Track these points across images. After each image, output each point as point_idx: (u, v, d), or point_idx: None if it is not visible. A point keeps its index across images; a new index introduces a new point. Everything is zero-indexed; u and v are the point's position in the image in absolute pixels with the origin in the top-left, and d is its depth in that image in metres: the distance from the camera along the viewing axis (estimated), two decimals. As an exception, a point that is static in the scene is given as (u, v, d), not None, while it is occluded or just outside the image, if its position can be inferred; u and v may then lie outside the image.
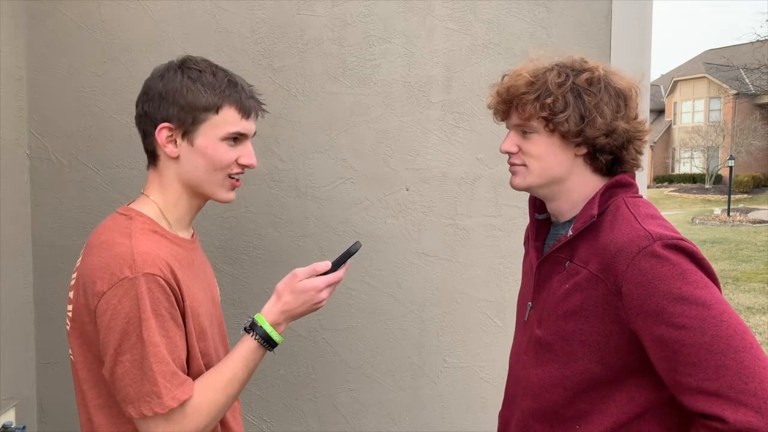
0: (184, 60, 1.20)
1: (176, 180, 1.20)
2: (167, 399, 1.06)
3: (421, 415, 1.97)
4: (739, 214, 19.32)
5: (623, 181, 1.15)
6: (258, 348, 1.20)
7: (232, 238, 1.90)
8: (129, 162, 1.87)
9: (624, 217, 1.08)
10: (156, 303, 1.07)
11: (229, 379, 1.16)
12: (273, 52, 1.87)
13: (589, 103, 1.10)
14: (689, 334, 0.95)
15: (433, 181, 1.92)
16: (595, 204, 1.11)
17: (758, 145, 28.88)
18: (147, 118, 1.18)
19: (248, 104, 1.20)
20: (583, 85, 1.11)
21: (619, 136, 1.12)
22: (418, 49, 1.89)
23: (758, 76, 27.02)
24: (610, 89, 1.12)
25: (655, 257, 0.99)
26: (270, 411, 1.95)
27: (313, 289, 1.23)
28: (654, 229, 1.03)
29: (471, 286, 1.94)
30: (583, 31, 1.89)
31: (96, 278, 1.07)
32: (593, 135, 1.10)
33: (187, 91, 1.15)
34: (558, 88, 1.11)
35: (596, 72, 1.13)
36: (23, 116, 1.84)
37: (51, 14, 1.83)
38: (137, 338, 1.05)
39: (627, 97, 1.14)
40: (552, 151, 1.14)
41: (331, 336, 1.94)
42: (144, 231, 1.14)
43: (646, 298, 0.99)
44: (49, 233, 1.87)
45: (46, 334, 1.89)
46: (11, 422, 1.70)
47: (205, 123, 1.16)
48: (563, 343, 1.11)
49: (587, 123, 1.10)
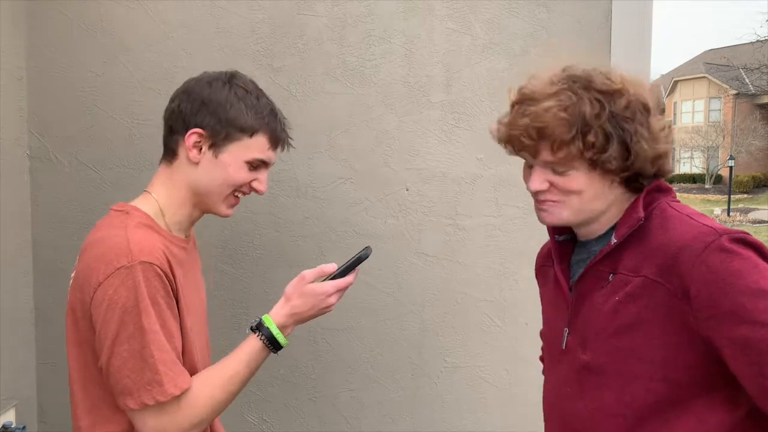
0: (234, 75, 1.22)
1: (186, 183, 1.21)
2: (169, 386, 1.05)
3: (421, 415, 1.97)
4: (739, 214, 19.33)
5: (663, 186, 1.05)
6: (263, 349, 1.20)
7: (232, 238, 1.90)
8: (129, 162, 1.87)
9: (676, 218, 0.99)
10: (153, 291, 1.06)
11: (230, 376, 1.16)
12: (273, 52, 1.87)
13: (631, 133, 0.98)
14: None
15: (433, 181, 1.92)
16: (639, 207, 1.01)
17: (758, 145, 28.90)
18: (180, 117, 1.18)
19: (281, 136, 1.23)
20: (621, 113, 0.98)
21: (664, 159, 1.02)
22: (418, 49, 1.89)
23: (758, 76, 27.03)
24: (641, 109, 1.00)
25: (724, 252, 0.89)
26: (270, 411, 1.95)
27: (323, 294, 1.23)
28: (716, 225, 0.94)
29: (471, 286, 1.94)
30: (583, 31, 1.89)
31: (92, 270, 1.07)
32: (641, 166, 1.00)
33: (231, 107, 1.17)
34: (596, 120, 0.97)
35: (629, 95, 0.99)
36: (23, 116, 1.84)
37: (51, 14, 1.83)
38: (135, 327, 1.04)
39: (650, 108, 1.02)
40: (592, 184, 1.01)
41: (331, 336, 1.94)
42: (139, 225, 1.14)
43: (721, 296, 0.88)
44: (49, 233, 1.87)
45: (46, 334, 1.89)
46: (11, 422, 1.69)
47: (236, 142, 1.18)
48: (618, 364, 0.99)
49: (635, 155, 0.99)
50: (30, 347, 1.88)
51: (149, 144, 1.84)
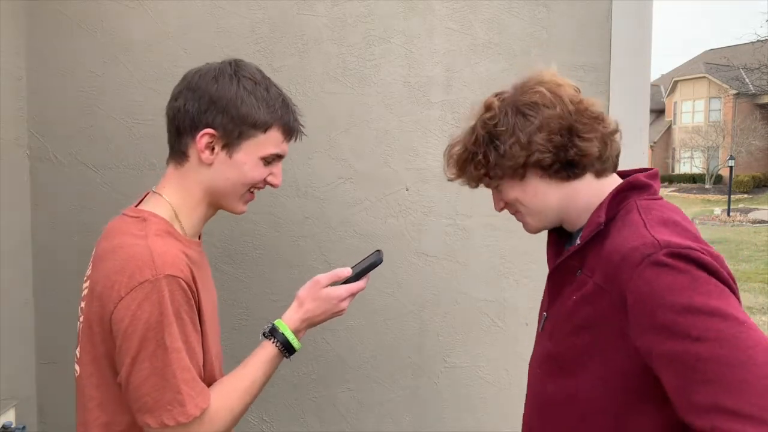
0: (239, 66, 1.15)
1: (200, 185, 1.16)
2: (190, 407, 1.02)
3: (421, 415, 1.97)
4: (739, 214, 19.33)
5: (636, 182, 1.06)
6: (278, 355, 1.18)
7: (232, 238, 1.90)
8: (129, 162, 1.87)
9: (632, 223, 1.00)
10: (177, 306, 1.02)
11: (248, 387, 1.13)
12: (273, 52, 1.87)
13: (502, 136, 1.08)
14: (704, 347, 0.84)
15: (433, 181, 1.92)
16: (602, 211, 1.04)
17: (758, 145, 28.90)
18: (188, 117, 1.12)
19: (294, 127, 1.19)
20: (486, 124, 1.11)
21: (550, 142, 1.06)
22: (418, 49, 1.89)
23: (758, 76, 27.03)
24: (515, 109, 1.09)
25: (659, 266, 0.90)
26: (270, 411, 1.95)
27: (336, 298, 1.22)
28: (662, 236, 0.93)
29: (471, 286, 1.94)
30: (583, 31, 1.89)
31: (113, 282, 1.02)
32: (538, 159, 1.07)
33: (242, 103, 1.11)
34: (474, 142, 1.12)
35: (491, 108, 1.11)
36: (23, 116, 1.84)
37: (51, 14, 1.83)
38: (157, 344, 1.00)
39: (533, 106, 1.08)
40: (521, 189, 1.13)
41: (331, 336, 1.94)
42: (159, 233, 1.09)
43: (654, 310, 0.89)
44: (49, 233, 1.87)
45: (46, 334, 1.89)
46: (11, 422, 1.69)
47: (251, 140, 1.13)
48: (571, 358, 1.04)
49: (512, 154, 1.08)
50: (30, 347, 1.88)
51: (149, 144, 1.84)
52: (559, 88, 1.09)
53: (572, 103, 1.08)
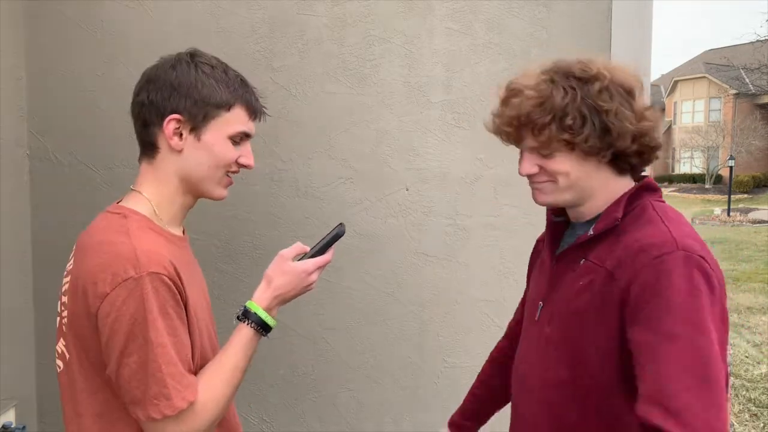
0: (194, 53, 1.18)
1: (175, 175, 1.18)
2: (177, 400, 1.04)
3: (421, 415, 1.97)
4: (739, 214, 19.32)
5: (651, 185, 1.12)
6: (255, 335, 1.19)
7: (232, 238, 1.90)
8: (129, 162, 1.87)
9: (651, 219, 1.05)
10: (162, 302, 1.04)
11: (231, 370, 1.15)
12: (273, 52, 1.87)
13: (608, 114, 1.05)
14: (673, 347, 0.91)
15: (433, 181, 1.92)
16: (620, 207, 1.08)
17: (758, 145, 28.89)
18: (153, 107, 1.15)
19: (256, 106, 1.21)
20: (596, 96, 1.05)
21: (648, 137, 1.09)
22: (418, 49, 1.89)
23: (758, 76, 27.01)
24: (622, 91, 1.07)
25: (674, 265, 0.95)
26: (270, 411, 1.95)
27: (304, 272, 1.23)
28: (681, 238, 0.99)
29: (471, 286, 1.94)
30: (583, 31, 1.89)
31: (97, 280, 1.04)
32: (623, 146, 1.06)
33: (202, 86, 1.14)
34: (571, 104, 1.05)
35: (605, 79, 1.07)
36: (23, 116, 1.84)
37: (51, 14, 1.83)
38: (144, 340, 1.02)
39: (634, 91, 1.09)
40: (575, 166, 1.09)
41: (331, 336, 1.94)
42: (141, 228, 1.11)
43: (649, 300, 0.95)
44: (49, 233, 1.87)
45: (46, 334, 1.89)
46: (11, 422, 1.70)
47: (216, 119, 1.15)
48: (571, 342, 1.08)
49: (614, 135, 1.05)
50: (30, 347, 1.88)
51: (149, 144, 1.84)
52: (641, 89, 1.13)
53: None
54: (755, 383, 5.15)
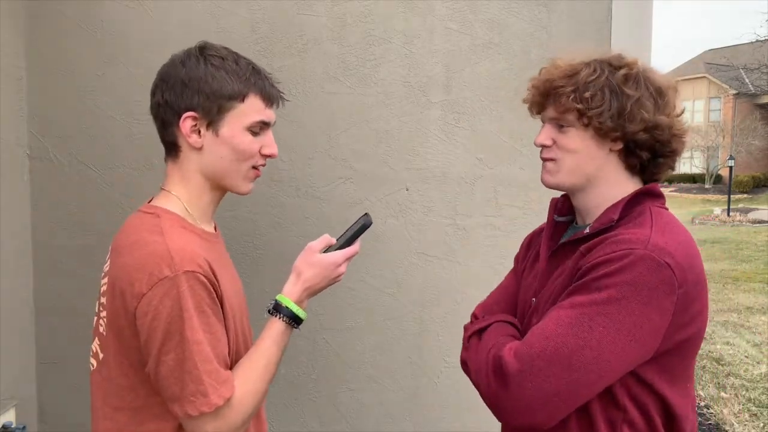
0: (204, 46, 1.17)
1: (199, 172, 1.17)
2: (214, 397, 1.05)
3: (421, 415, 1.97)
4: (739, 214, 19.32)
5: (654, 190, 1.14)
6: (287, 328, 1.20)
7: (232, 238, 1.90)
8: (129, 162, 1.87)
9: (642, 222, 1.08)
10: (198, 300, 1.05)
11: (265, 365, 1.16)
12: (273, 52, 1.87)
13: (628, 99, 1.09)
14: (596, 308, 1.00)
15: (433, 181, 1.92)
16: (618, 209, 1.10)
17: (758, 145, 28.89)
18: (168, 107, 1.14)
19: (272, 92, 1.19)
20: (620, 80, 1.10)
21: (662, 131, 1.11)
22: (418, 49, 1.89)
23: (758, 76, 27.01)
24: (650, 86, 1.11)
25: (625, 257, 1.00)
26: (270, 411, 1.95)
27: (333, 264, 1.23)
28: (655, 239, 1.02)
29: (471, 286, 1.94)
30: (583, 31, 1.89)
31: (133, 280, 1.04)
32: (633, 130, 1.09)
33: (212, 79, 1.12)
34: (595, 82, 1.10)
35: (634, 68, 1.12)
36: (23, 116, 1.84)
37: (51, 14, 1.83)
38: (180, 338, 1.03)
39: (665, 93, 1.13)
40: (586, 145, 1.12)
41: (331, 336, 1.94)
42: (174, 227, 1.11)
43: (588, 271, 1.03)
44: (49, 233, 1.87)
45: (46, 334, 1.89)
46: (11, 422, 1.70)
47: (231, 112, 1.14)
48: None
49: (627, 118, 1.08)
50: (30, 347, 1.88)
51: (149, 144, 1.84)
52: (676, 96, 1.18)
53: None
54: (755, 383, 5.15)
